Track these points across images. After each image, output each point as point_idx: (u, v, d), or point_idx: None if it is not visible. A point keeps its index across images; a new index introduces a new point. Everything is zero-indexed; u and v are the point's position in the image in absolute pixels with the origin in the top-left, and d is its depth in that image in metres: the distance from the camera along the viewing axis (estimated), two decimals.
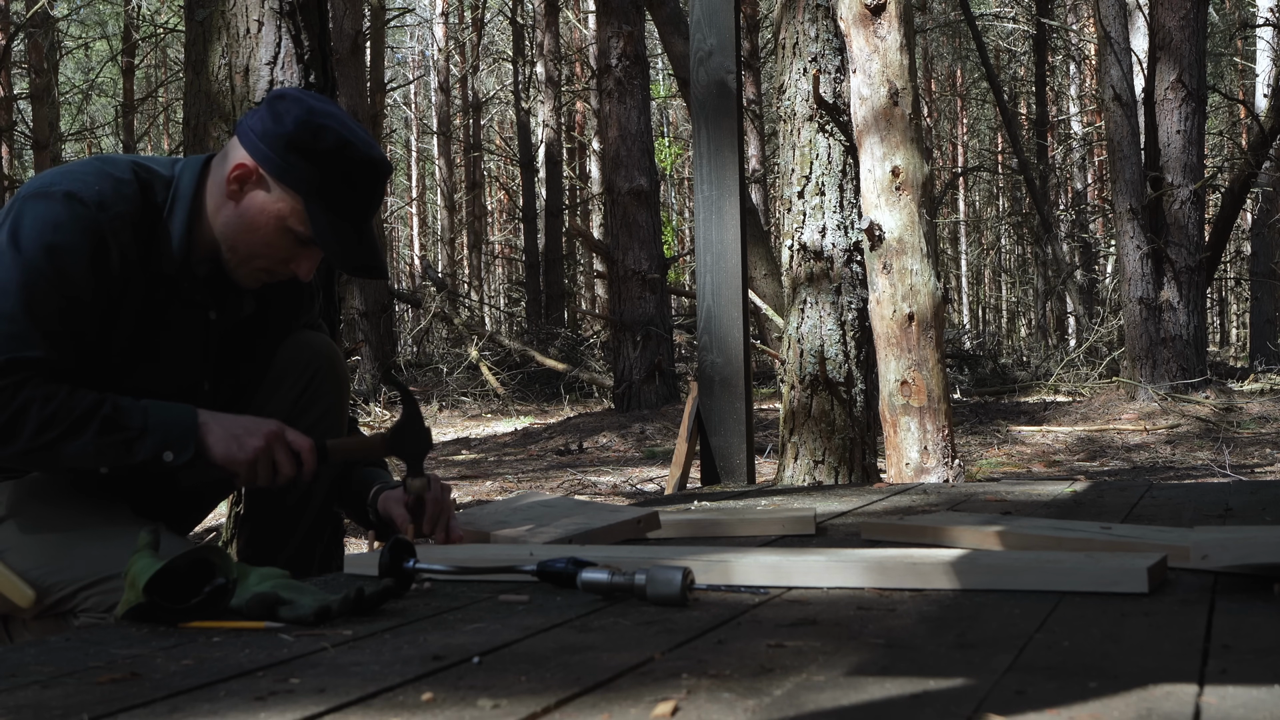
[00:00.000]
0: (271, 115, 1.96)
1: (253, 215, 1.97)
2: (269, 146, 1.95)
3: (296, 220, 1.96)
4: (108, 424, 1.88)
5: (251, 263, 2.01)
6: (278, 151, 1.94)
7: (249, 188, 1.97)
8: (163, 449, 1.90)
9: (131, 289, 1.97)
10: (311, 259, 2.03)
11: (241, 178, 1.96)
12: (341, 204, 1.97)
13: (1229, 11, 21.98)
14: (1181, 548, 1.88)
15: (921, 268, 4.38)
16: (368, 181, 1.99)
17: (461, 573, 1.88)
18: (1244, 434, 8.59)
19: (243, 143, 1.98)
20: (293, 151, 1.94)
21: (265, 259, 2.01)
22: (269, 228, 1.97)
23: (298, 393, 2.17)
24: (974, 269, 30.71)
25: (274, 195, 1.96)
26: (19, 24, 16.77)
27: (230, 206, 1.98)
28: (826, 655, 1.33)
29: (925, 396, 4.34)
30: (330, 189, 1.95)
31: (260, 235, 1.98)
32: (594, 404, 12.75)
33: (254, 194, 1.97)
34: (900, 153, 4.40)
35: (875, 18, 4.43)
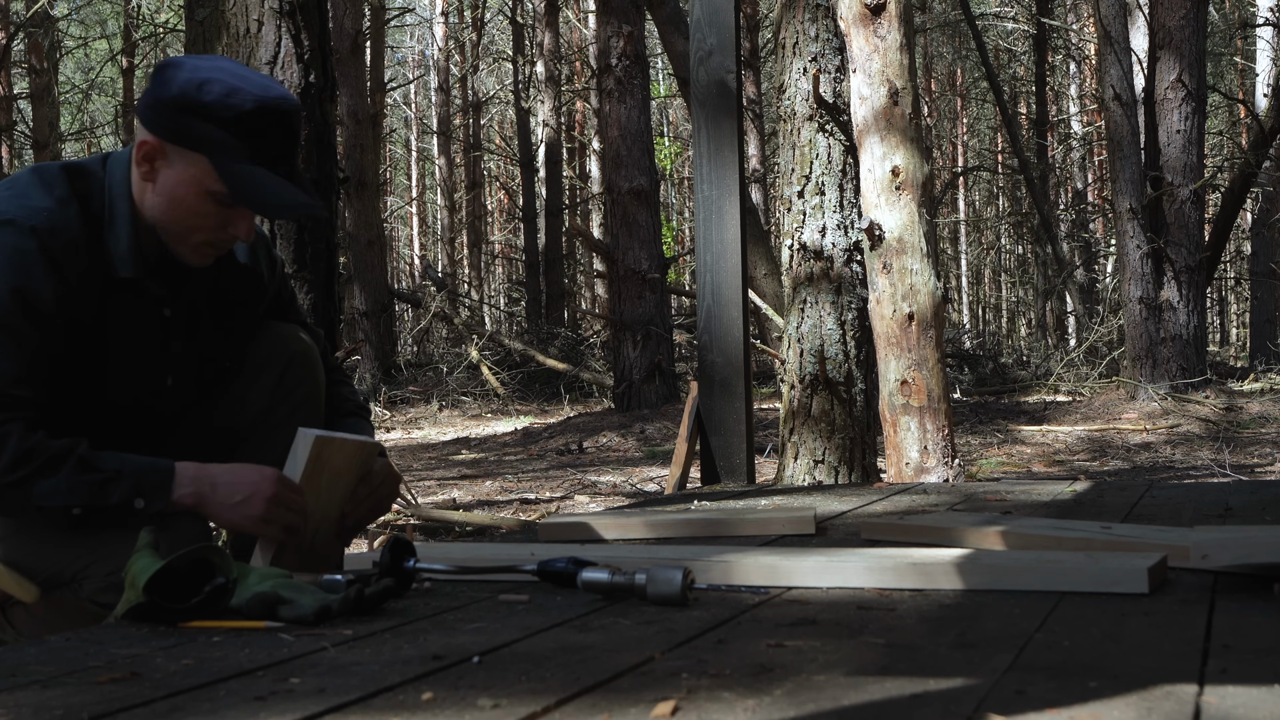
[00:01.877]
0: (159, 84, 1.92)
1: (170, 189, 1.93)
2: (163, 116, 1.91)
3: (210, 180, 1.91)
4: (83, 464, 1.85)
5: (189, 238, 1.97)
6: (171, 118, 1.90)
7: (159, 164, 1.93)
8: (134, 495, 1.87)
9: (89, 302, 1.95)
10: (245, 217, 1.98)
11: (149, 155, 1.93)
12: (249, 152, 1.91)
13: (1229, 11, 21.97)
14: (1181, 548, 1.88)
15: (921, 267, 4.38)
16: (268, 123, 1.92)
17: (461, 573, 1.88)
18: (1244, 434, 8.59)
19: (142, 121, 1.94)
20: (184, 113, 1.89)
21: (200, 230, 1.96)
22: (189, 196, 1.93)
23: (275, 382, 2.15)
24: (974, 269, 30.70)
25: (182, 163, 1.92)
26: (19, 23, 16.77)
27: (149, 189, 1.95)
28: (826, 655, 1.33)
29: (925, 396, 4.34)
30: (232, 140, 1.90)
31: (185, 207, 1.93)
32: (594, 404, 12.76)
33: (165, 169, 1.93)
34: (900, 152, 4.40)
35: (875, 17, 4.43)
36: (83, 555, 1.95)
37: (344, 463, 1.99)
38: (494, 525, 5.18)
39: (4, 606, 2.02)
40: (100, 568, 1.92)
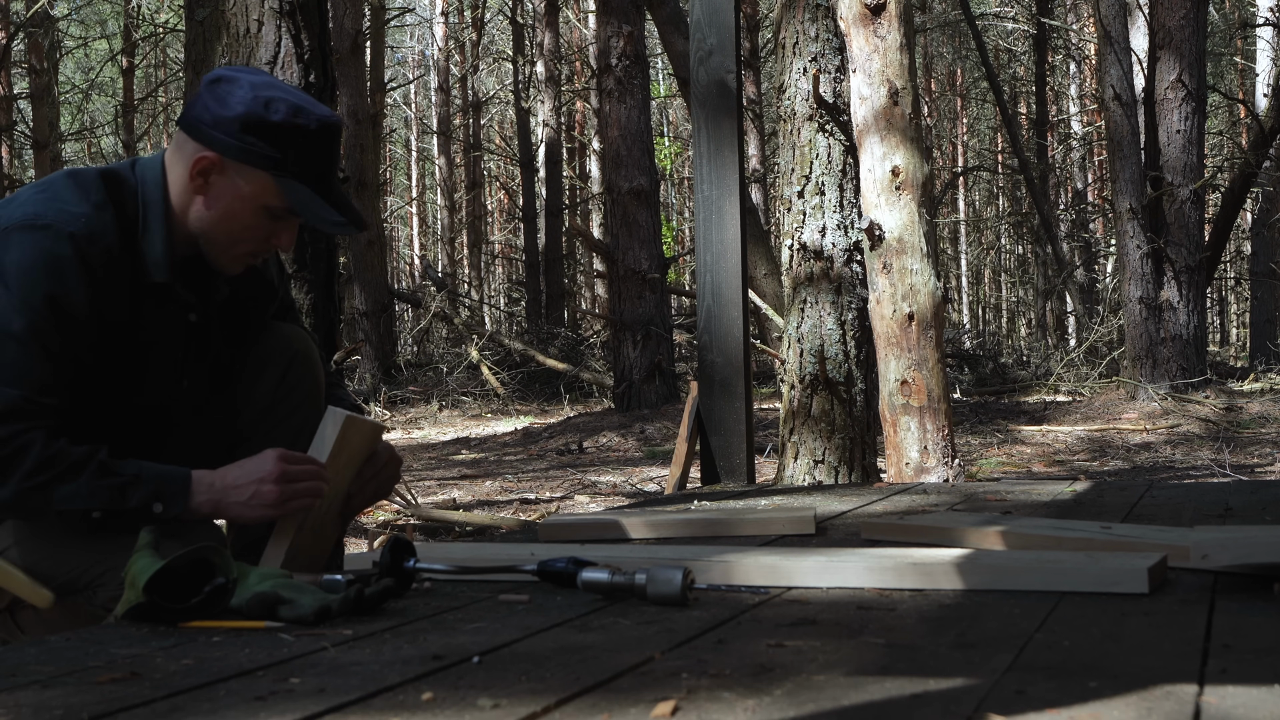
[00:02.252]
0: (217, 100, 1.95)
1: (226, 204, 1.97)
2: (223, 132, 1.94)
3: (271, 197, 1.96)
4: (103, 469, 1.87)
5: (234, 249, 2.02)
6: (234, 135, 1.94)
7: (214, 178, 1.96)
8: (153, 500, 1.88)
9: (121, 307, 1.97)
10: (291, 229, 2.04)
11: (204, 170, 1.96)
12: (307, 169, 1.97)
13: (1229, 11, 21.98)
14: (1181, 548, 1.88)
15: (921, 267, 4.38)
16: (325, 142, 1.99)
17: (461, 572, 1.88)
18: (1244, 434, 8.59)
19: (193, 135, 1.97)
20: (248, 132, 1.93)
21: (248, 242, 2.01)
22: (245, 211, 1.97)
23: (277, 380, 2.17)
24: (974, 269, 30.70)
25: (241, 179, 1.96)
26: (19, 23, 16.77)
27: (200, 201, 1.98)
28: (826, 655, 1.33)
29: (925, 396, 4.34)
30: (293, 158, 1.96)
31: (239, 221, 1.98)
32: (594, 404, 12.76)
33: (220, 183, 1.97)
34: (900, 152, 4.40)
35: (875, 17, 4.43)
36: (98, 562, 1.96)
37: (360, 442, 2.02)
38: (494, 525, 5.18)
39: (14, 610, 2.03)
40: (114, 576, 1.93)
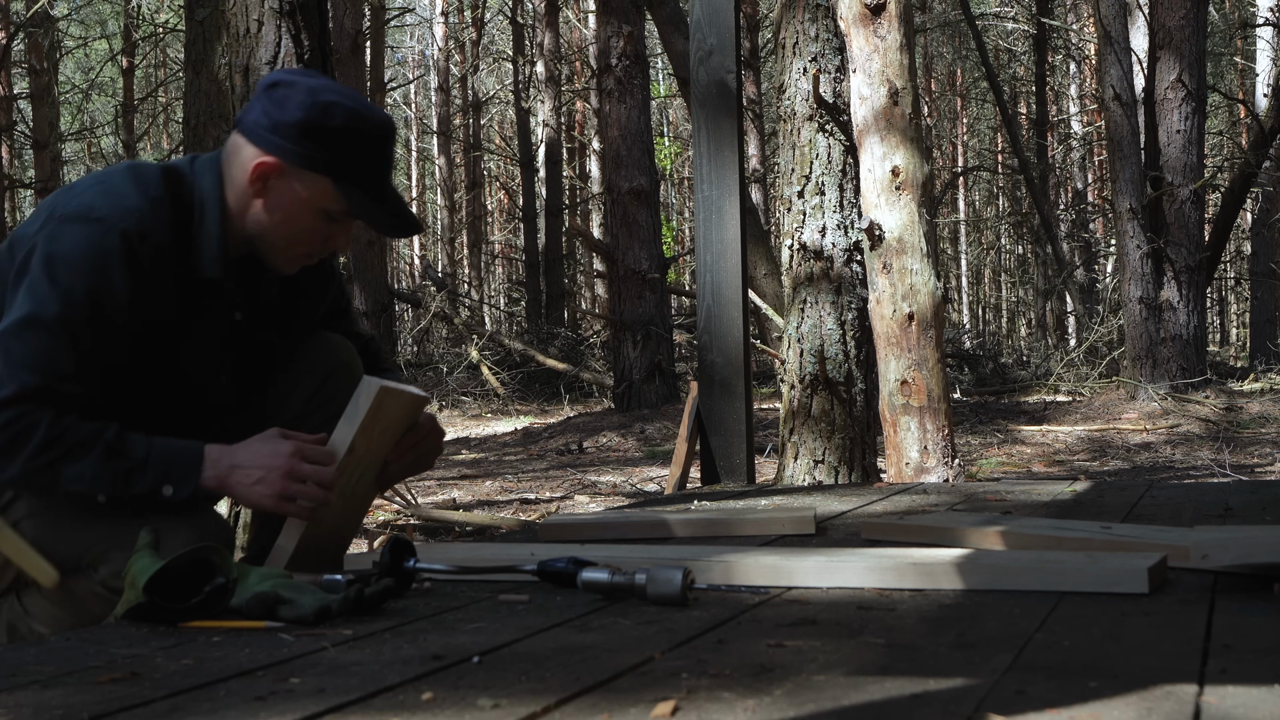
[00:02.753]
0: (275, 105, 1.96)
1: (286, 207, 1.98)
2: (283, 137, 1.95)
3: (329, 200, 1.98)
4: (110, 450, 1.87)
5: (290, 251, 2.03)
6: (293, 140, 1.95)
7: (273, 182, 1.97)
8: (162, 483, 1.89)
9: (166, 304, 1.98)
10: (346, 232, 2.05)
11: (264, 174, 1.97)
12: (365, 172, 1.99)
13: (1229, 11, 21.97)
14: (1181, 548, 1.88)
15: (921, 267, 4.38)
16: (381, 145, 2.01)
17: (461, 572, 1.88)
18: (1244, 434, 8.59)
19: (252, 139, 1.98)
20: (308, 136, 1.95)
21: (305, 244, 2.03)
22: (304, 215, 1.99)
23: (312, 391, 2.18)
24: (974, 269, 30.70)
25: (301, 184, 1.97)
26: (19, 23, 16.77)
27: (258, 204, 1.99)
28: (826, 655, 1.33)
29: (925, 396, 4.34)
30: (352, 161, 1.97)
31: (298, 224, 1.99)
32: (594, 404, 12.76)
33: (279, 187, 1.97)
34: (900, 152, 4.40)
35: (875, 17, 4.43)
36: (103, 539, 1.95)
37: (398, 412, 2.04)
38: (494, 525, 5.18)
39: (20, 592, 2.03)
40: (119, 554, 1.93)
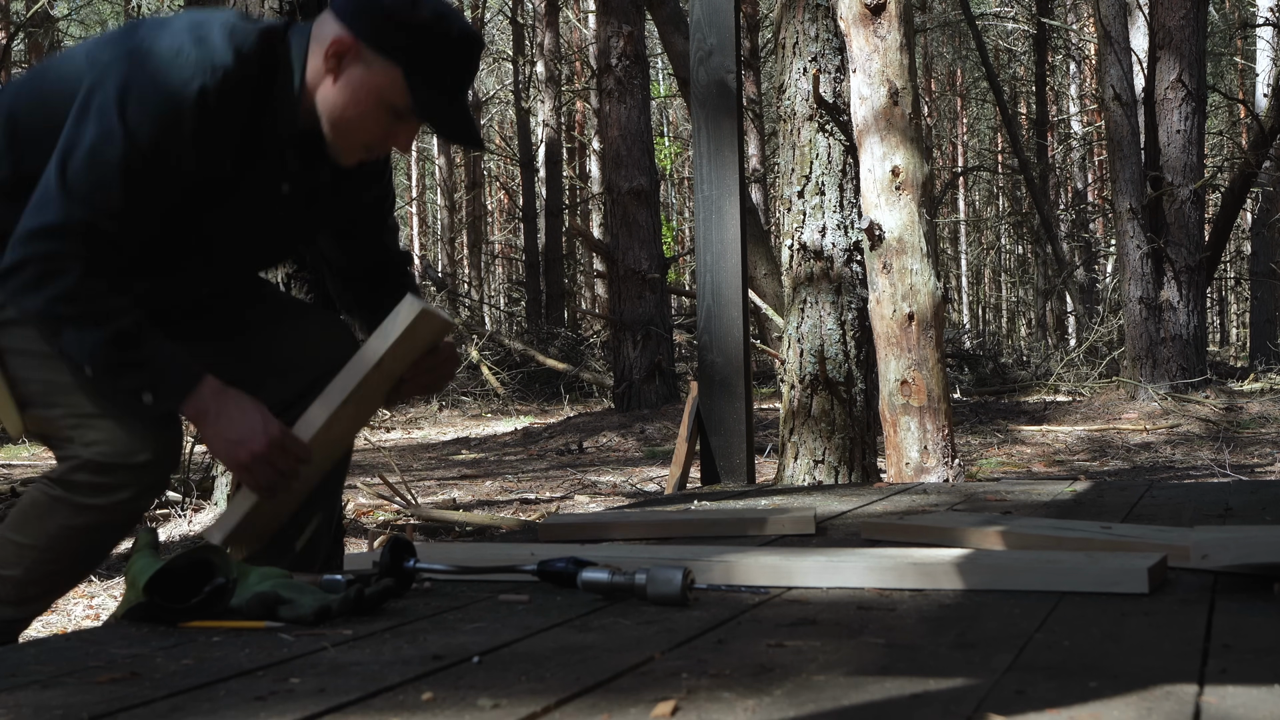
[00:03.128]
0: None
1: (353, 90, 1.95)
2: (365, 19, 1.93)
3: (395, 93, 1.95)
4: (118, 338, 1.86)
5: (352, 138, 2.00)
6: (375, 24, 1.93)
7: (347, 62, 1.95)
8: (146, 389, 1.88)
9: (222, 161, 1.96)
10: (410, 131, 2.02)
11: (339, 52, 1.94)
12: (439, 76, 1.96)
13: (1229, 11, 21.97)
14: (1181, 548, 1.88)
15: (921, 267, 4.38)
16: (463, 53, 1.99)
17: (461, 572, 1.88)
18: (1244, 434, 8.59)
19: (338, 15, 1.96)
20: (390, 24, 1.92)
21: (366, 134, 1.99)
22: (369, 102, 1.96)
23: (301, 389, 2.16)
24: (974, 269, 30.70)
25: (373, 69, 1.94)
26: (19, 23, 16.77)
27: (329, 81, 1.96)
28: (826, 655, 1.33)
29: (925, 396, 4.34)
30: (428, 61, 1.94)
31: (360, 109, 1.96)
32: (594, 404, 12.76)
33: (352, 68, 1.95)
34: (900, 152, 4.40)
35: (875, 17, 4.43)
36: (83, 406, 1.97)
37: (427, 334, 2.05)
38: (494, 525, 5.18)
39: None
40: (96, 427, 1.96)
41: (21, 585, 2.08)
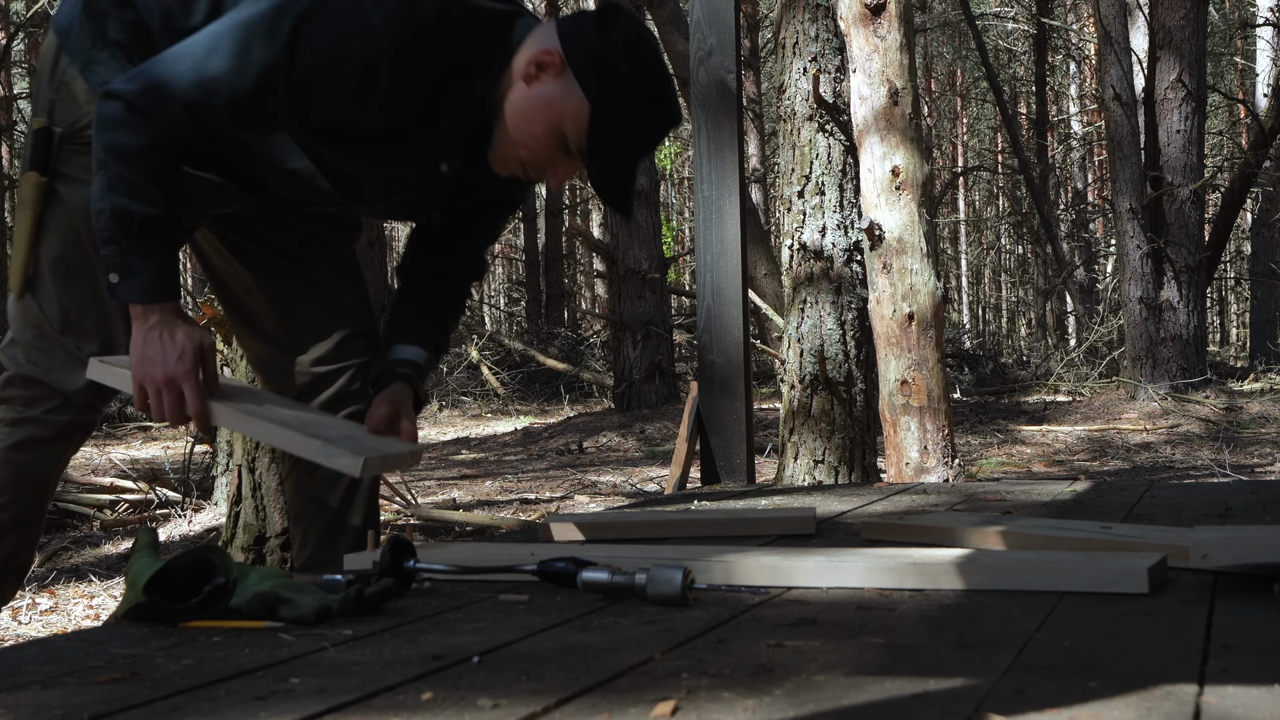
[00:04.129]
0: (598, 20, 1.92)
1: (538, 104, 1.91)
2: (582, 47, 1.90)
3: (575, 127, 1.90)
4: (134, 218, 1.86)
5: (515, 150, 1.96)
6: (587, 55, 1.90)
7: (546, 76, 1.91)
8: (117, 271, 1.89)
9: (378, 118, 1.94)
10: (568, 170, 1.97)
11: (543, 64, 1.90)
12: (623, 132, 1.93)
13: (1229, 11, 21.98)
14: (1181, 547, 1.88)
15: (921, 267, 4.38)
16: (655, 123, 1.95)
17: (461, 572, 1.88)
18: (1244, 434, 8.59)
19: (560, 31, 1.93)
20: (601, 62, 1.89)
21: (529, 151, 1.95)
22: (547, 121, 1.91)
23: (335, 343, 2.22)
24: (974, 269, 30.70)
25: (566, 93, 1.90)
26: (19, 23, 16.77)
27: (522, 86, 1.93)
28: (826, 655, 1.33)
29: (925, 396, 4.34)
30: (620, 114, 1.91)
31: (536, 126, 1.92)
32: (594, 404, 12.76)
33: (548, 83, 1.91)
34: (900, 152, 4.40)
35: (875, 17, 4.43)
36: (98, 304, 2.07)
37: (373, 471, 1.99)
38: (494, 525, 5.18)
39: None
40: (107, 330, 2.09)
41: None
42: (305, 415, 2.04)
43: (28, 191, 2.08)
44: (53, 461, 2.21)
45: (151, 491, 5.87)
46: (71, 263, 2.09)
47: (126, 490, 6.04)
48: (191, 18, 2.00)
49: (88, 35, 2.04)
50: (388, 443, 2.01)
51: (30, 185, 2.08)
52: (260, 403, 2.02)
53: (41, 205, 2.08)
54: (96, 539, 5.12)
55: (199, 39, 1.88)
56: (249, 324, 2.30)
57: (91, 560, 4.65)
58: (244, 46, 1.84)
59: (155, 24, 2.02)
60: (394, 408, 2.07)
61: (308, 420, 2.00)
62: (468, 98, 1.95)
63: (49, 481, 2.23)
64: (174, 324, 1.91)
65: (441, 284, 2.26)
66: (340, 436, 1.96)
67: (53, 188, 2.09)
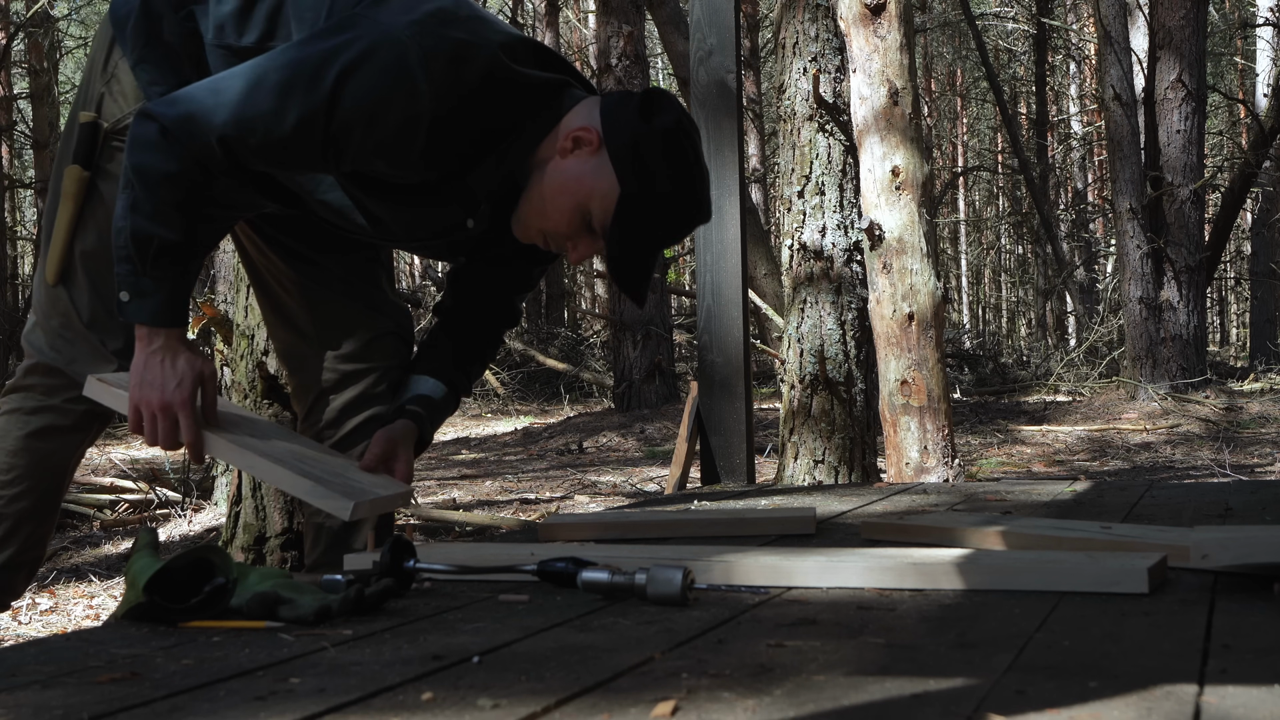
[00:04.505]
0: (642, 104, 1.92)
1: (569, 178, 1.91)
2: (622, 130, 1.89)
3: (601, 206, 1.89)
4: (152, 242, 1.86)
5: (538, 220, 1.96)
6: (627, 141, 1.88)
7: (581, 151, 1.91)
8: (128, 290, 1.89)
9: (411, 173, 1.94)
10: (588, 249, 1.97)
11: (581, 140, 1.90)
12: (649, 224, 1.92)
13: (1229, 11, 21.98)
14: (1181, 547, 1.88)
15: (921, 267, 4.38)
16: (682, 218, 1.95)
17: (461, 572, 1.88)
18: (1244, 434, 8.59)
19: (603, 110, 1.92)
20: (639, 149, 1.88)
21: (552, 223, 1.94)
22: (575, 197, 1.90)
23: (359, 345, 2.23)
24: (974, 269, 30.70)
25: (598, 173, 1.89)
26: (19, 24, 16.76)
27: (555, 159, 1.92)
28: (826, 655, 1.33)
29: (925, 396, 4.34)
30: (648, 202, 1.90)
31: (562, 199, 1.91)
32: (594, 404, 12.76)
33: (582, 160, 1.90)
34: (900, 152, 4.40)
35: (875, 17, 4.43)
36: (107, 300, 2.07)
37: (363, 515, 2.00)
38: (494, 525, 5.18)
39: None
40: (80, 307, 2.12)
41: None
42: (301, 450, 2.03)
43: (70, 184, 2.09)
44: (70, 450, 2.22)
45: (151, 491, 5.87)
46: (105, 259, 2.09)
47: (126, 490, 6.04)
48: (244, 37, 2.00)
49: (141, 33, 2.04)
50: (379, 483, 2.01)
51: (73, 179, 2.09)
52: (258, 434, 2.01)
53: (83, 198, 2.09)
54: (96, 539, 5.12)
55: (244, 72, 1.87)
56: (280, 315, 2.30)
57: (91, 560, 4.65)
58: (286, 90, 1.83)
59: (209, 37, 2.01)
60: (391, 445, 2.07)
61: (302, 456, 2.00)
62: (501, 162, 1.94)
63: (66, 471, 2.24)
64: (177, 350, 1.92)
65: (472, 327, 2.26)
66: (332, 475, 1.96)
67: (94, 183, 2.09)
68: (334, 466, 2.02)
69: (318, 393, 2.25)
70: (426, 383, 2.18)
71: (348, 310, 2.24)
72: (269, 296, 2.32)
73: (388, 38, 1.83)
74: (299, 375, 2.30)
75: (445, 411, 2.21)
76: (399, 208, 2.03)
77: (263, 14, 1.99)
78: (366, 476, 2.03)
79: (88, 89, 2.13)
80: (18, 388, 2.20)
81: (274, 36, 1.98)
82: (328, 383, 2.24)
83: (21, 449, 2.16)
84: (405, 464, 2.08)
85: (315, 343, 2.25)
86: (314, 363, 2.26)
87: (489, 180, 1.96)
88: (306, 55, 1.85)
